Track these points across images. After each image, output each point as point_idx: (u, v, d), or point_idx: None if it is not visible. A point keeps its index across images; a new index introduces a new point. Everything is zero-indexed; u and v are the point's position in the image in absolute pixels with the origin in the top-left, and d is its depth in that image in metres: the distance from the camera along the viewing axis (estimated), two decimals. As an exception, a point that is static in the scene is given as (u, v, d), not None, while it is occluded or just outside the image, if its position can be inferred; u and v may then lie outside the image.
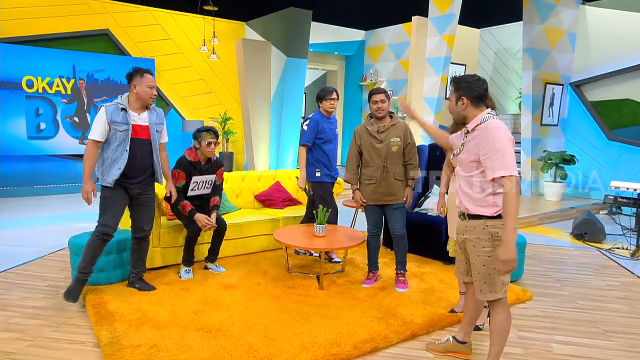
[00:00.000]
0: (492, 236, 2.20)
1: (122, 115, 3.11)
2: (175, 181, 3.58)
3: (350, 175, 3.63)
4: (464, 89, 2.24)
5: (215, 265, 3.92)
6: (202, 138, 3.61)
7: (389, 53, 10.22)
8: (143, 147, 3.20)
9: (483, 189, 2.19)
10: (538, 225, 6.34)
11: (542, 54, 7.65)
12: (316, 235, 3.72)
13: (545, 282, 3.94)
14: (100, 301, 3.20)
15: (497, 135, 2.11)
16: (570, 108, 8.18)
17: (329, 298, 3.38)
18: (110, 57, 7.87)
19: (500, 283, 2.24)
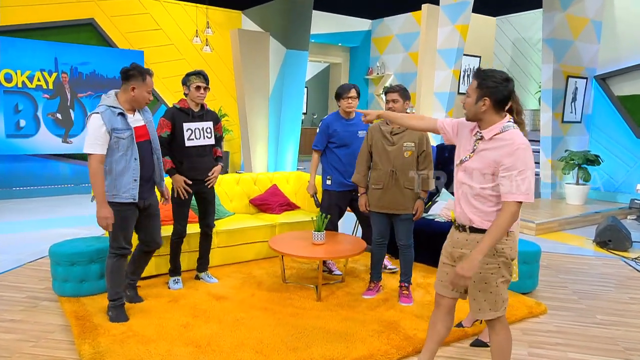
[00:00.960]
0: (497, 252, 2.20)
1: (121, 120, 3.03)
2: (160, 130, 3.52)
3: (359, 177, 3.64)
4: (489, 89, 2.12)
5: (206, 275, 3.97)
6: (190, 82, 3.59)
7: (397, 44, 10.26)
8: (146, 150, 3.20)
9: (496, 203, 2.17)
10: (558, 231, 6.36)
11: (563, 44, 7.67)
12: (314, 243, 3.78)
13: (561, 295, 3.98)
14: (82, 314, 3.26)
15: (524, 157, 2.07)
16: (595, 103, 8.19)
17: (327, 310, 3.44)
18: (95, 49, 7.95)
19: (501, 300, 2.23)
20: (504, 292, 2.24)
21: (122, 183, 3.04)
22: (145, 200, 3.23)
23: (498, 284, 2.20)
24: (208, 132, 3.70)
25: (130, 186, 3.07)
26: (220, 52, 9.36)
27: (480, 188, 2.18)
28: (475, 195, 2.21)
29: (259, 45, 8.53)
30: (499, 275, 2.20)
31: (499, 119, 2.17)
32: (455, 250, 2.33)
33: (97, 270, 3.60)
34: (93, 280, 3.60)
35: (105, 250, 3.62)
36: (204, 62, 9.23)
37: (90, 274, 3.58)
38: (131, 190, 3.07)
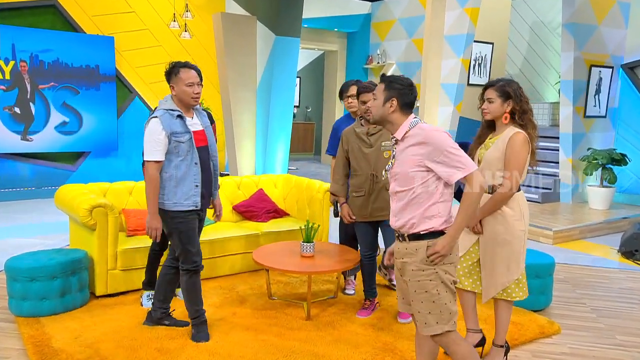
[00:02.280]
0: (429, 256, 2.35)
1: (180, 122, 3.14)
2: None
3: (337, 186, 3.75)
4: (397, 91, 2.40)
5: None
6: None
7: (400, 29, 10.33)
8: (204, 156, 3.26)
9: (430, 200, 2.35)
10: (579, 239, 6.43)
11: (586, 29, 7.73)
12: (303, 255, 3.83)
13: (578, 312, 4.03)
14: (42, 337, 3.29)
15: (440, 138, 2.31)
16: (621, 96, 8.26)
17: (316, 331, 3.48)
18: (58, 35, 7.96)
19: (447, 312, 2.34)
20: (449, 302, 2.35)
21: (183, 190, 3.15)
22: (202, 212, 3.31)
23: (439, 291, 2.33)
24: None
25: (192, 192, 3.17)
26: (202, 39, 9.40)
27: (413, 189, 2.36)
28: (409, 197, 2.37)
29: (245, 31, 8.56)
30: (437, 281, 2.33)
31: (405, 118, 2.43)
32: (399, 262, 2.46)
33: (60, 286, 3.63)
34: (54, 298, 3.63)
35: (68, 264, 3.68)
36: (182, 49, 9.27)
37: (51, 291, 3.61)
38: (193, 197, 3.17)
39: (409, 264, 2.38)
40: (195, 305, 3.34)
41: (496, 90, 2.90)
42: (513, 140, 2.84)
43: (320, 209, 4.88)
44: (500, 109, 2.91)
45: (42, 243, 5.37)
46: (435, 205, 2.35)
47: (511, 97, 2.87)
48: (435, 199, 2.34)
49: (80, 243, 4.20)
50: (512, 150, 2.83)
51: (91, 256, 3.93)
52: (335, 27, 10.99)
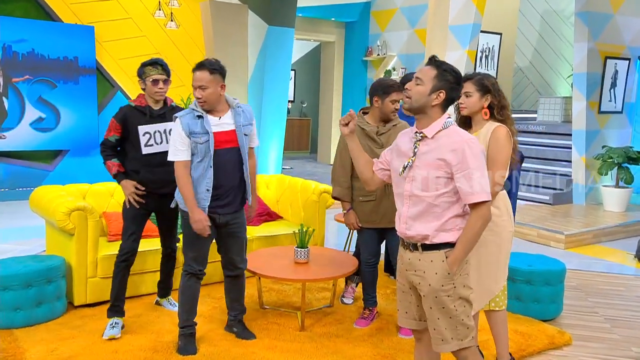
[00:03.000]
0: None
1: (200, 123, 3.19)
2: (107, 133, 3.54)
3: (342, 190, 3.67)
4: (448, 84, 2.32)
5: (168, 302, 4.01)
6: (145, 75, 3.51)
7: (401, 19, 10.34)
8: (230, 159, 3.26)
9: (450, 210, 2.31)
10: (592, 244, 6.45)
11: (601, 18, 7.75)
12: (297, 261, 3.84)
13: (590, 322, 4.05)
14: (15, 351, 3.28)
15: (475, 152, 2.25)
16: (639, 89, 8.29)
17: (310, 342, 3.48)
18: (34, 24, 7.93)
19: (464, 327, 2.32)
20: (467, 317, 2.33)
21: (197, 192, 3.24)
22: (221, 217, 3.30)
23: (457, 307, 2.31)
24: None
25: (203, 196, 3.22)
26: (189, 29, 9.38)
27: (435, 196, 2.30)
28: (428, 204, 2.31)
29: (236, 21, 8.56)
30: (455, 297, 2.31)
31: (441, 115, 2.36)
32: (410, 274, 2.42)
33: (35, 296, 3.62)
34: (28, 308, 3.61)
35: (44, 272, 3.67)
36: (168, 40, 9.25)
37: (26, 301, 3.59)
38: (203, 201, 3.23)
39: (424, 279, 2.34)
40: (185, 314, 3.36)
41: (474, 84, 2.86)
42: (496, 134, 2.80)
43: (315, 212, 4.88)
44: (478, 104, 2.87)
45: (16, 249, 5.35)
46: (454, 218, 2.32)
47: (490, 91, 2.85)
48: (456, 211, 2.31)
49: (57, 249, 4.20)
50: (496, 145, 2.78)
51: (69, 263, 3.93)
52: (333, 17, 11.00)
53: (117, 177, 3.56)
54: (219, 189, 3.24)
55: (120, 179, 3.55)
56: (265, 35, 8.76)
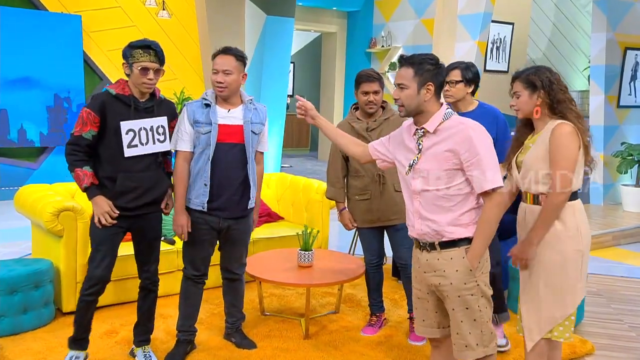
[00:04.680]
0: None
1: (206, 112, 3.14)
2: (80, 128, 2.94)
3: (336, 190, 3.69)
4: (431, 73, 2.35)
5: (142, 354, 3.29)
6: (134, 59, 2.95)
7: (407, 8, 10.33)
8: (233, 155, 3.19)
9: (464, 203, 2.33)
10: (612, 246, 6.44)
11: (621, 6, 7.74)
12: (301, 265, 3.80)
13: (614, 330, 4.02)
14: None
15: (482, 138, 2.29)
16: (660, 83, 8.28)
17: (316, 351, 3.45)
18: (18, 12, 7.89)
19: (488, 332, 2.32)
20: (489, 319, 2.32)
21: (195, 187, 3.18)
22: (222, 221, 3.23)
23: (481, 307, 2.29)
24: (160, 132, 3.10)
25: (201, 191, 3.16)
26: (182, 18, 9.35)
27: (446, 190, 2.32)
28: (440, 198, 2.33)
29: (232, 10, 8.53)
30: (479, 295, 2.28)
31: (439, 107, 2.38)
32: (429, 276, 2.39)
33: (20, 302, 3.58)
34: (13, 315, 3.57)
35: (31, 276, 3.65)
36: (160, 30, 9.22)
37: (10, 308, 3.55)
38: (202, 196, 3.17)
39: (446, 278, 2.33)
40: (182, 319, 3.35)
41: (522, 82, 2.69)
42: (557, 132, 2.55)
43: (319, 213, 4.86)
44: (529, 103, 2.66)
45: (2, 252, 5.32)
46: (469, 212, 2.33)
47: (538, 87, 2.64)
48: (470, 204, 2.32)
49: (44, 252, 4.16)
50: (557, 144, 2.53)
51: (57, 267, 3.89)
52: (334, 6, 10.98)
53: (89, 191, 2.95)
54: (216, 185, 3.17)
55: (92, 194, 2.95)
56: (263, 25, 8.73)
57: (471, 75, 3.50)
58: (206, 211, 3.19)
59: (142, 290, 3.27)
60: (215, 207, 3.20)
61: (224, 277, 3.50)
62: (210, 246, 3.33)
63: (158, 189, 3.12)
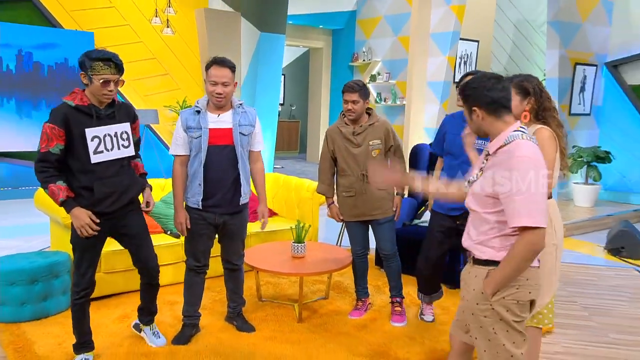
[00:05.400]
0: None
1: (197, 118, 3.09)
2: (46, 143, 2.65)
3: (325, 187, 3.68)
4: (473, 96, 2.08)
5: (150, 330, 3.25)
6: (93, 71, 2.66)
7: (386, 27, 10.31)
8: (224, 156, 3.12)
9: (499, 229, 2.03)
10: (565, 237, 6.42)
11: (571, 27, 7.80)
12: (294, 256, 3.77)
13: (569, 310, 4.05)
14: (23, 343, 3.19)
15: (521, 169, 1.92)
16: (605, 94, 8.36)
17: (309, 333, 3.43)
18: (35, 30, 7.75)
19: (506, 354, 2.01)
20: (510, 343, 1.99)
21: (191, 187, 3.16)
22: (218, 217, 3.18)
23: (497, 330, 2.00)
24: (124, 137, 2.85)
25: (196, 191, 3.13)
26: (184, 35, 9.26)
27: (486, 213, 2.05)
28: (478, 219, 2.10)
29: (229, 27, 8.47)
30: (494, 319, 2.00)
31: (504, 126, 2.04)
32: (463, 285, 2.20)
33: (41, 290, 3.52)
34: (36, 303, 3.51)
35: (51, 267, 3.59)
36: (164, 45, 9.12)
37: (32, 296, 3.49)
38: (197, 195, 3.13)
39: (467, 292, 2.11)
40: (186, 305, 3.33)
41: (514, 87, 2.55)
42: (538, 136, 2.48)
43: (309, 209, 4.83)
44: (519, 107, 2.56)
45: (21, 245, 5.22)
46: (503, 237, 2.01)
47: (530, 93, 2.58)
48: (506, 230, 1.99)
49: (61, 245, 4.07)
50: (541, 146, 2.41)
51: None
52: (321, 24, 10.95)
53: (66, 205, 2.70)
54: (211, 186, 3.12)
55: (70, 207, 2.70)
56: (257, 41, 8.67)
57: None
58: (202, 209, 3.15)
59: (143, 284, 3.16)
60: (210, 205, 3.15)
61: (225, 267, 3.45)
62: (209, 239, 3.28)
63: (132, 190, 2.93)
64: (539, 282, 2.05)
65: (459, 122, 3.24)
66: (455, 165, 3.25)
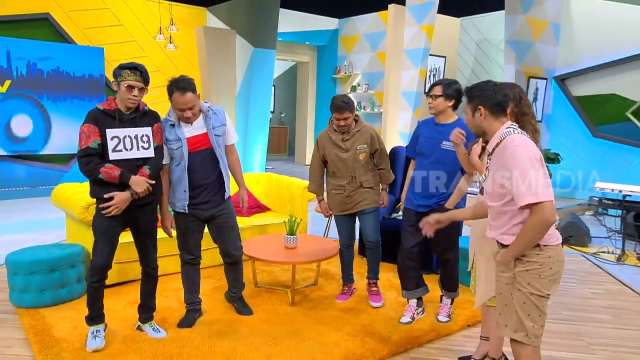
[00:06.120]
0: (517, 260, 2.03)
1: (174, 131, 2.97)
2: (86, 140, 2.69)
3: (315, 187, 3.66)
4: (479, 97, 2.11)
5: (150, 327, 3.10)
6: (122, 78, 2.73)
7: (364, 43, 10.31)
8: (204, 159, 3.03)
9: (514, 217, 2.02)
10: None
11: (524, 46, 7.89)
12: (287, 246, 3.74)
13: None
14: (43, 327, 3.11)
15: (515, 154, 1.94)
16: (554, 103, 8.47)
17: (301, 315, 3.40)
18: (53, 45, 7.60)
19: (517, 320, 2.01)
20: (522, 313, 1.98)
21: (176, 193, 3.04)
22: (205, 211, 3.09)
23: (514, 297, 1.98)
24: (145, 140, 2.83)
25: (182, 197, 3.03)
26: (185, 50, 9.15)
27: (501, 205, 2.04)
28: (498, 212, 2.08)
29: (225, 44, 8.40)
30: (513, 288, 1.99)
31: (500, 125, 2.08)
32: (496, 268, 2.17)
33: (58, 278, 3.44)
34: (54, 290, 3.43)
35: (69, 257, 3.51)
36: (167, 59, 9.00)
37: (50, 283, 3.41)
38: (182, 200, 3.04)
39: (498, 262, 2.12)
40: (187, 294, 3.27)
41: None
42: None
43: (300, 204, 4.79)
44: None
45: (39, 238, 5.10)
46: (522, 224, 1.99)
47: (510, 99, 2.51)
48: (523, 217, 1.98)
49: (76, 238, 3.99)
50: None
51: (87, 250, 3.72)
52: (307, 41, 10.90)
53: (123, 176, 2.72)
54: (197, 188, 3.03)
55: (127, 177, 2.73)
56: (250, 55, 8.61)
57: (451, 92, 3.10)
58: (187, 212, 3.07)
59: (143, 275, 3.07)
60: (195, 203, 3.06)
61: (225, 261, 3.32)
62: (199, 233, 3.18)
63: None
64: (562, 258, 2.03)
65: (431, 126, 3.26)
66: (426, 164, 3.21)
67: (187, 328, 3.16)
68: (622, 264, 4.99)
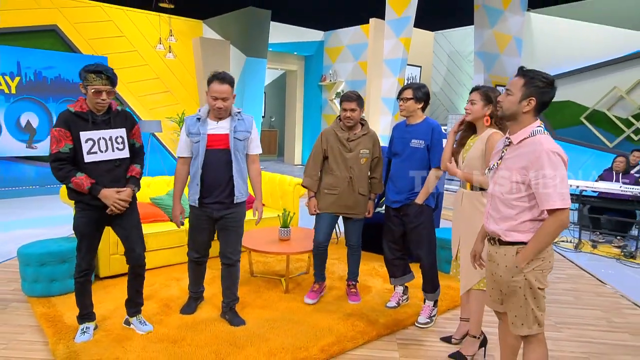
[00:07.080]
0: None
1: (198, 125, 2.83)
2: (57, 145, 2.50)
3: (311, 181, 3.31)
4: (538, 90, 1.89)
5: (137, 320, 2.90)
6: (87, 82, 2.49)
7: (348, 54, 10.29)
8: (219, 159, 2.82)
9: (524, 213, 1.92)
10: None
11: (491, 57, 7.97)
12: (281, 238, 3.69)
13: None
14: (54, 314, 3.02)
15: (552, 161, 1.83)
16: (518, 109, 8.56)
17: (294, 302, 3.36)
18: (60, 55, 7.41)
19: (533, 316, 1.98)
20: (536, 307, 1.96)
21: (192, 186, 2.90)
22: (215, 212, 2.88)
23: (527, 296, 1.94)
24: (119, 141, 2.64)
25: (194, 190, 2.87)
26: (183, 59, 9.02)
27: (512, 200, 1.93)
28: (505, 205, 1.96)
29: (220, 53, 8.30)
30: (527, 286, 1.93)
31: (532, 121, 1.94)
32: (490, 264, 2.07)
33: (68, 269, 3.34)
34: (64, 280, 3.34)
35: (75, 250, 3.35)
36: (166, 68, 8.86)
37: (61, 274, 3.32)
38: (194, 194, 2.87)
39: (499, 269, 2.00)
40: (191, 285, 3.18)
41: (480, 94, 2.55)
42: (491, 138, 2.47)
43: (291, 200, 4.75)
44: (480, 112, 2.54)
45: (49, 233, 4.96)
46: (529, 222, 1.91)
47: (492, 102, 2.52)
48: (531, 215, 1.91)
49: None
50: (490, 148, 2.44)
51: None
52: (295, 51, 10.85)
53: (93, 190, 2.54)
54: (208, 184, 2.84)
55: (97, 190, 2.55)
56: (243, 64, 8.53)
57: (421, 95, 3.03)
58: (200, 206, 2.88)
59: (131, 272, 2.84)
60: (207, 202, 2.88)
61: (222, 262, 3.02)
62: (209, 232, 2.98)
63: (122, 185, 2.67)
64: (553, 254, 2.00)
65: (402, 127, 3.16)
66: (399, 162, 3.11)
67: (189, 314, 3.10)
68: (579, 251, 5.06)
